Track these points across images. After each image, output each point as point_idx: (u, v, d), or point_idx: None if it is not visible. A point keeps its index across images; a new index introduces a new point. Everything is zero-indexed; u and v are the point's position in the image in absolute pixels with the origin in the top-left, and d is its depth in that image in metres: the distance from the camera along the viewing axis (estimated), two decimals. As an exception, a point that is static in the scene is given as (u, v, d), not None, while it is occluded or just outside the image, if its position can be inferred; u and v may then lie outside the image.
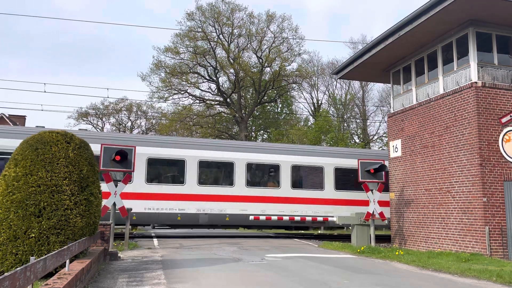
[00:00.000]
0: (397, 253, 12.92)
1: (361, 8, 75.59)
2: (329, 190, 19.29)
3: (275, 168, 18.91)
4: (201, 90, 40.14)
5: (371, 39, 22.87)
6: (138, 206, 16.40)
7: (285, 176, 18.81)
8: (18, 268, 4.02)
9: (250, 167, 18.68)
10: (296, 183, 19.07)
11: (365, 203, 16.89)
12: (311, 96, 48.60)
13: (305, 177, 19.51)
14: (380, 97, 46.74)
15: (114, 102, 46.96)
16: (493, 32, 13.88)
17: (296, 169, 19.13)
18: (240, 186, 18.16)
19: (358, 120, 47.52)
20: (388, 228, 18.94)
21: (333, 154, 20.11)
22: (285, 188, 18.72)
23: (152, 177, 17.45)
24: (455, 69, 14.35)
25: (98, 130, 47.39)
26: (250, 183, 18.47)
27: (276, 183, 18.80)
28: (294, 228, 22.00)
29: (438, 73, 15.02)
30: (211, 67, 38.40)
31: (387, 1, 74.17)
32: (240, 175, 18.25)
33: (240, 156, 18.46)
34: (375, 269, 10.23)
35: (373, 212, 15.33)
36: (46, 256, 5.20)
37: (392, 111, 17.68)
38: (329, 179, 19.33)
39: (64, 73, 75.68)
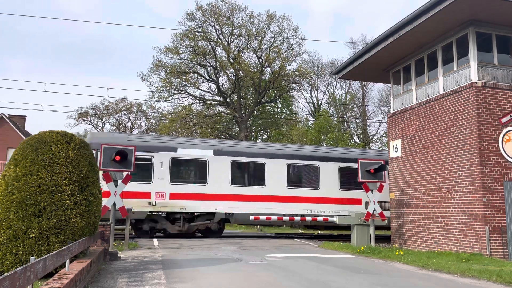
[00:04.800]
0: (397, 253, 12.92)
1: (365, 9, 75.64)
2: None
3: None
4: (201, 90, 40.17)
5: (371, 39, 22.87)
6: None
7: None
8: (18, 268, 4.02)
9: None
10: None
11: None
12: (311, 96, 48.65)
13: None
14: (380, 97, 46.81)
15: (114, 102, 47.03)
16: (493, 32, 13.87)
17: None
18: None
19: (358, 120, 47.53)
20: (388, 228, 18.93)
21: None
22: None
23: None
24: (455, 69, 14.35)
25: (98, 130, 47.40)
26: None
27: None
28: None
29: (438, 73, 15.01)
30: (211, 67, 38.39)
31: (392, 2, 74.20)
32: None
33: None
34: (375, 269, 10.24)
35: (373, 212, 15.33)
36: (46, 256, 5.20)
37: (392, 111, 17.67)
38: None
39: (64, 73, 75.71)
